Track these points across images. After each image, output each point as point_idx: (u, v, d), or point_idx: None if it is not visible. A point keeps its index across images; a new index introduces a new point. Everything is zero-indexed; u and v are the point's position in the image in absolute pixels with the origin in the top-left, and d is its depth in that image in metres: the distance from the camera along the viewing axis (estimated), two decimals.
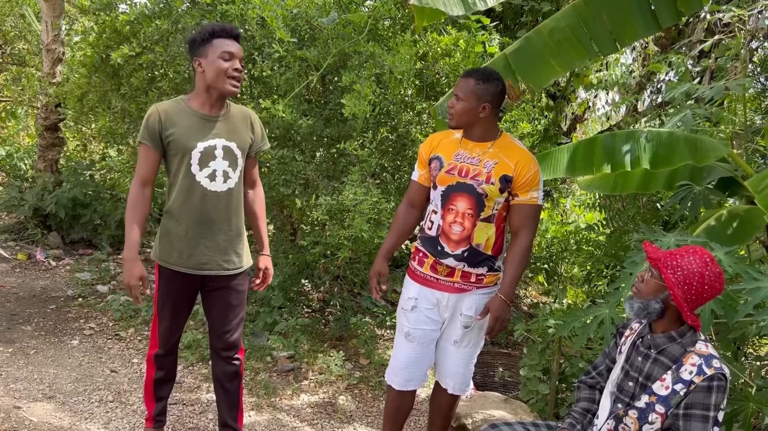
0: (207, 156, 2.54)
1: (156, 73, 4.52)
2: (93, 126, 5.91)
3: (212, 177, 2.55)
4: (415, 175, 2.76)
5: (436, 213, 2.63)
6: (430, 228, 2.65)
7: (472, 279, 2.62)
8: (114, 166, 6.79)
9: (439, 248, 2.60)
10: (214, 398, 3.51)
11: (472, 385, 2.86)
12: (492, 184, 2.51)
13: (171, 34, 4.18)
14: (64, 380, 3.60)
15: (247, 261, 2.77)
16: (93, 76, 4.72)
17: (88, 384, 3.58)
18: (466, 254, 2.58)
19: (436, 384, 2.86)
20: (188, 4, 4.24)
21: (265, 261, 2.89)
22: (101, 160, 6.86)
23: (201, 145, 2.53)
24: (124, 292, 5.01)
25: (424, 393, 3.92)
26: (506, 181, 2.53)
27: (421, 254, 2.70)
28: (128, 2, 4.48)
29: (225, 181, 2.58)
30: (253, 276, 2.91)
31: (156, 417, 2.92)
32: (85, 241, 6.26)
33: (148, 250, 6.41)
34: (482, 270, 2.62)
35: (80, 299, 4.90)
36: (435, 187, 2.64)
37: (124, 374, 3.76)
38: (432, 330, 2.70)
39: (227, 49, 2.49)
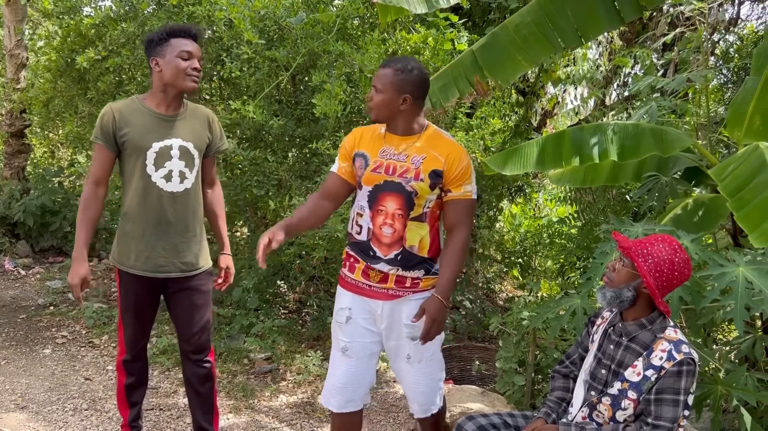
0: (163, 156, 2.51)
1: (123, 76, 4.47)
2: (60, 132, 5.83)
3: (168, 177, 2.52)
4: (335, 167, 2.53)
5: (362, 216, 2.44)
6: (359, 233, 2.45)
7: (407, 284, 2.43)
8: (83, 172, 6.71)
9: (371, 253, 2.42)
10: None
11: (440, 403, 2.60)
12: (421, 180, 2.34)
13: (137, 36, 4.13)
14: (37, 389, 3.54)
15: (206, 261, 2.73)
16: (58, 80, 4.65)
17: (62, 392, 3.53)
18: (399, 257, 2.39)
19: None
20: (154, 6, 4.21)
21: (227, 260, 2.86)
22: (70, 167, 6.76)
23: (156, 145, 2.50)
24: (97, 299, 4.95)
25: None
26: (437, 176, 2.35)
27: (351, 259, 2.50)
28: (93, 5, 4.43)
29: (182, 182, 2.55)
30: (215, 276, 2.87)
31: (131, 424, 2.87)
32: (55, 249, 6.16)
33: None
34: (418, 274, 2.43)
35: (51, 307, 4.82)
36: (360, 187, 2.45)
37: (99, 381, 3.71)
38: (371, 343, 2.50)
39: (186, 48, 2.47)
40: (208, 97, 4.57)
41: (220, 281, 2.86)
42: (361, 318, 2.48)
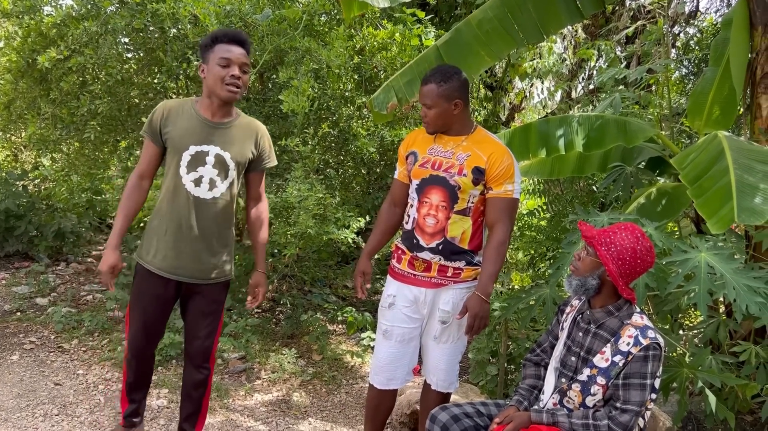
0: (197, 160, 2.52)
1: (87, 76, 4.39)
2: (23, 134, 5.70)
3: (198, 182, 2.53)
4: (396, 173, 2.77)
5: (412, 207, 2.63)
6: (407, 223, 2.66)
7: (449, 274, 2.59)
8: (48, 176, 6.57)
9: (414, 241, 2.59)
10: (164, 404, 3.48)
11: (457, 384, 2.79)
12: (464, 175, 2.50)
13: (101, 35, 4.06)
14: (5, 396, 3.47)
15: (225, 274, 2.70)
16: (20, 81, 4.55)
17: (31, 399, 3.47)
18: (440, 247, 2.55)
19: (425, 381, 2.83)
20: (117, 5, 4.13)
21: (258, 279, 2.80)
22: (34, 170, 6.62)
23: (193, 149, 2.52)
24: (65, 304, 4.87)
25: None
26: (479, 173, 2.50)
27: (399, 251, 2.69)
28: (53, 4, 4.33)
29: (210, 189, 2.55)
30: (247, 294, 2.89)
31: (127, 418, 2.91)
32: (21, 254, 6.02)
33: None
34: (459, 264, 2.58)
35: (18, 313, 4.72)
36: (410, 181, 2.65)
37: (69, 386, 3.66)
38: (411, 328, 2.68)
39: (225, 56, 2.47)
40: (174, 95, 4.52)
41: (250, 299, 2.83)
42: (403, 305, 2.66)
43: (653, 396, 2.12)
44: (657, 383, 2.12)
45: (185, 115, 2.55)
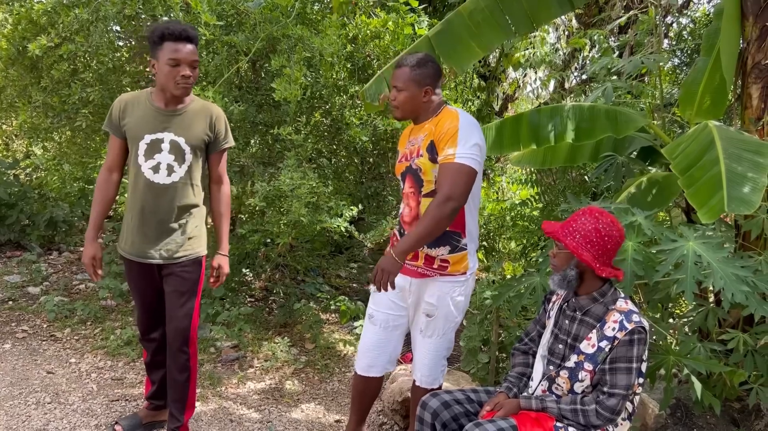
0: (153, 148, 2.61)
1: (78, 64, 4.36)
2: (14, 122, 5.65)
3: (156, 169, 2.62)
4: None
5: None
6: (400, 214, 2.70)
7: (435, 265, 2.55)
8: (40, 164, 6.54)
9: (401, 231, 2.64)
10: None
11: (441, 380, 2.75)
12: (421, 155, 2.47)
13: (92, 23, 4.03)
14: None
15: (193, 251, 2.77)
16: (10, 69, 4.51)
17: (23, 387, 3.47)
18: None
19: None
20: None
21: (220, 260, 2.87)
22: (25, 158, 6.59)
23: (148, 137, 2.61)
24: (58, 293, 4.86)
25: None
26: (432, 147, 2.44)
27: (394, 238, 2.73)
28: None
29: (169, 174, 2.63)
30: (209, 274, 2.93)
31: (149, 399, 3.03)
32: (13, 243, 6.00)
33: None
34: (444, 251, 2.52)
35: (10, 302, 4.71)
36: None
37: (62, 374, 3.66)
38: (396, 316, 2.69)
39: (174, 56, 2.52)
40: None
41: (212, 280, 2.90)
42: (391, 291, 2.59)
43: (640, 380, 2.15)
44: (643, 367, 2.15)
45: (140, 105, 2.64)
